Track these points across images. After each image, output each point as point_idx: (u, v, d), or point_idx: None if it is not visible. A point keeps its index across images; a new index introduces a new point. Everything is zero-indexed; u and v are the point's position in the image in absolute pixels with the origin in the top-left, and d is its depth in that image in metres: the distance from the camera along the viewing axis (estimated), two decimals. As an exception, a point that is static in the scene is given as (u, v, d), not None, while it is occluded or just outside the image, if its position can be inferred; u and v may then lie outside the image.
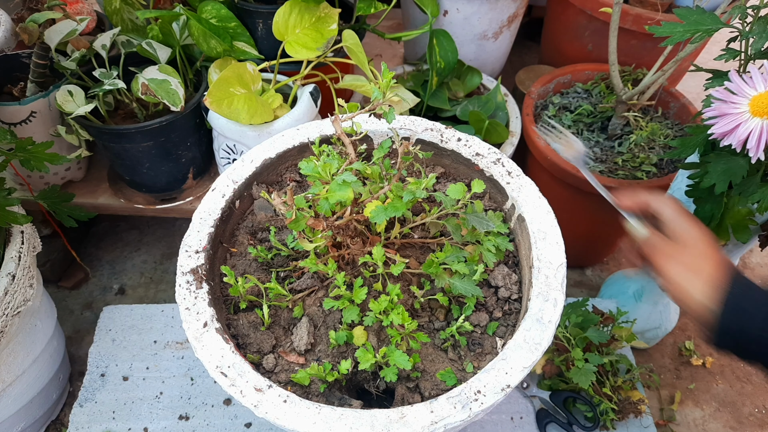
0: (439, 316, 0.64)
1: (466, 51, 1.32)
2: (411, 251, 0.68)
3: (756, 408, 1.11)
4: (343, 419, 0.50)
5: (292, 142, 0.75)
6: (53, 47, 0.97)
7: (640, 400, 0.93)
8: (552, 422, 0.92)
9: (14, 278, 0.79)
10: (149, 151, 1.03)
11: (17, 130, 1.00)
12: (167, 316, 1.05)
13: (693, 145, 0.75)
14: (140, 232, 1.37)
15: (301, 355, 0.60)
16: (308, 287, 0.64)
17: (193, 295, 0.59)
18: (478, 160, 0.72)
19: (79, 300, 1.23)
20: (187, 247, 0.63)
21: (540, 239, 0.63)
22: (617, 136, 1.14)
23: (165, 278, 1.28)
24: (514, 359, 0.53)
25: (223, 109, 0.89)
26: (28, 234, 0.85)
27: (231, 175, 0.71)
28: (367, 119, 0.76)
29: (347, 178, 0.52)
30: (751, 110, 0.57)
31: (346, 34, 0.94)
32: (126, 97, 1.04)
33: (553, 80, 1.24)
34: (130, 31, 1.09)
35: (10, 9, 1.14)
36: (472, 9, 1.23)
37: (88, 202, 1.15)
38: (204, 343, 0.55)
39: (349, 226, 0.61)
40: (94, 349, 1.01)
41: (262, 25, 1.09)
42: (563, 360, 0.94)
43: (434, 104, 1.22)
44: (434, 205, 0.69)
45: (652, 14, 1.15)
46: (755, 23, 0.66)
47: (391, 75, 0.55)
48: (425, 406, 0.50)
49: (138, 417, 0.92)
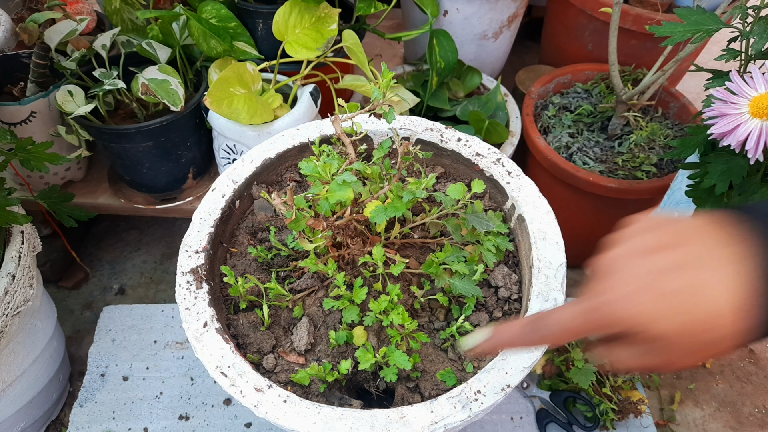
0: (439, 316, 0.64)
1: (466, 51, 1.32)
2: (411, 251, 0.68)
3: (756, 408, 1.11)
4: (343, 419, 0.50)
5: (292, 142, 0.75)
6: (53, 47, 0.97)
7: (640, 400, 0.93)
8: (552, 422, 0.92)
9: (14, 278, 0.79)
10: (149, 151, 1.03)
11: (17, 130, 1.00)
12: (167, 316, 1.05)
13: (693, 145, 0.75)
14: (140, 232, 1.37)
15: (301, 355, 0.60)
16: (308, 287, 0.64)
17: (193, 295, 0.59)
18: (478, 160, 0.72)
19: (79, 300, 1.23)
20: (187, 247, 0.63)
21: (540, 239, 0.63)
22: (617, 136, 1.14)
23: (165, 278, 1.28)
24: (514, 359, 0.53)
25: (223, 109, 0.89)
26: (28, 234, 0.85)
27: (231, 175, 0.71)
28: (367, 119, 0.76)
29: (347, 178, 0.52)
30: (750, 111, 0.57)
31: (346, 34, 0.94)
32: (126, 97, 1.04)
33: (553, 80, 1.24)
34: (130, 31, 1.09)
35: (10, 9, 1.14)
36: (472, 9, 1.23)
37: (88, 202, 1.15)
38: (204, 343, 0.55)
39: (349, 226, 0.61)
40: (94, 349, 1.01)
41: (262, 25, 1.09)
42: (563, 360, 0.94)
43: (434, 104, 1.22)
44: (434, 205, 0.69)
45: (652, 14, 1.15)
46: (756, 23, 0.66)
47: (391, 75, 0.55)
48: (425, 406, 0.50)
49: (138, 417, 0.92)
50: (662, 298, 0.36)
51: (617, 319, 0.37)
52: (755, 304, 0.33)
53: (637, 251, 0.38)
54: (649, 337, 0.36)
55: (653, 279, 0.36)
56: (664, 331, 0.35)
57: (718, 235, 0.36)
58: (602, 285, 0.39)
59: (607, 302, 0.38)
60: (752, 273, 0.34)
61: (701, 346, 0.36)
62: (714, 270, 0.35)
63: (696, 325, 0.35)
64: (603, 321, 0.38)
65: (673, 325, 0.35)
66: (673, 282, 0.36)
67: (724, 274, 0.34)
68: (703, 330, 0.35)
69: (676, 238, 0.38)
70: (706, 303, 0.34)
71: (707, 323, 0.34)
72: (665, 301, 0.35)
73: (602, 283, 0.39)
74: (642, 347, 0.38)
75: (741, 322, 0.34)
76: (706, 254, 0.36)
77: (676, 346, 0.36)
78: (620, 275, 0.38)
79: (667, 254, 0.37)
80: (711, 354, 0.36)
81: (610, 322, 0.37)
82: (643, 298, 0.36)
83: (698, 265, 0.35)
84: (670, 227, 0.39)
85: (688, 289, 0.35)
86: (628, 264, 0.38)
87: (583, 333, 0.40)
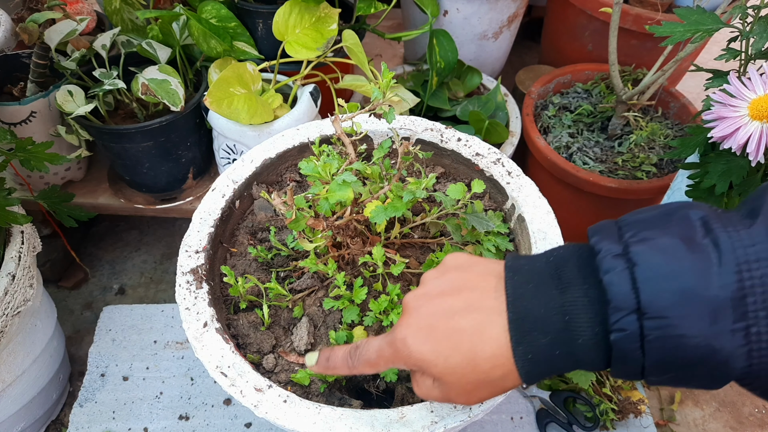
0: (439, 316, 0.64)
1: (466, 51, 1.32)
2: (411, 251, 0.68)
3: (756, 408, 1.11)
4: (343, 419, 0.50)
5: (292, 142, 0.75)
6: (53, 47, 0.97)
7: (640, 400, 0.93)
8: (552, 422, 0.92)
9: (14, 278, 0.79)
10: (149, 151, 1.03)
11: (17, 130, 1.00)
12: (167, 316, 1.05)
13: (693, 145, 0.75)
14: (140, 232, 1.37)
15: (302, 355, 0.60)
16: (308, 287, 0.64)
17: (193, 295, 0.59)
18: (478, 160, 0.72)
19: (79, 300, 1.23)
20: (187, 247, 0.63)
21: (540, 239, 0.63)
22: (617, 136, 1.14)
23: (165, 278, 1.28)
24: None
25: (223, 109, 0.89)
26: (28, 234, 0.85)
27: (231, 175, 0.71)
28: (367, 119, 0.76)
29: (347, 178, 0.52)
30: (750, 114, 0.57)
31: (346, 34, 0.94)
32: (126, 97, 1.04)
33: (553, 80, 1.24)
34: (130, 31, 1.09)
35: (10, 9, 1.14)
36: (472, 9, 1.23)
37: (88, 202, 1.15)
38: (204, 343, 0.55)
39: (349, 226, 0.61)
40: (94, 349, 1.01)
41: (262, 25, 1.09)
42: (563, 360, 0.94)
43: (434, 104, 1.22)
44: (434, 205, 0.69)
45: (652, 14, 1.15)
46: (756, 23, 0.66)
47: (391, 75, 0.55)
48: (425, 406, 0.50)
49: (138, 417, 0.92)
50: (443, 339, 0.39)
51: (404, 356, 0.40)
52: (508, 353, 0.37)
53: (431, 293, 0.42)
54: (430, 374, 0.40)
55: (437, 320, 0.40)
56: (441, 371, 0.39)
57: (491, 284, 0.40)
58: (403, 321, 0.42)
59: (400, 338, 0.41)
60: (505, 326, 0.37)
61: (477, 384, 0.39)
62: (486, 316, 0.38)
63: (468, 365, 0.38)
64: (395, 356, 0.41)
65: (448, 365, 0.39)
66: (451, 324, 0.39)
67: (493, 321, 0.38)
68: (474, 370, 0.38)
69: (463, 283, 0.41)
70: (479, 345, 0.38)
71: (478, 364, 0.38)
72: (444, 342, 0.39)
73: (403, 319, 0.42)
74: (430, 382, 0.41)
75: (504, 367, 0.38)
76: (482, 302, 0.39)
77: (453, 384, 0.39)
78: (416, 313, 0.41)
79: (453, 298, 0.40)
80: (489, 392, 0.40)
81: (400, 357, 0.41)
82: (426, 338, 0.39)
83: (474, 311, 0.39)
84: (462, 272, 0.42)
85: (464, 332, 0.38)
86: (423, 304, 0.41)
87: (383, 365, 0.43)
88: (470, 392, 0.40)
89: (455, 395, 0.40)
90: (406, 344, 0.40)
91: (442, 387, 0.40)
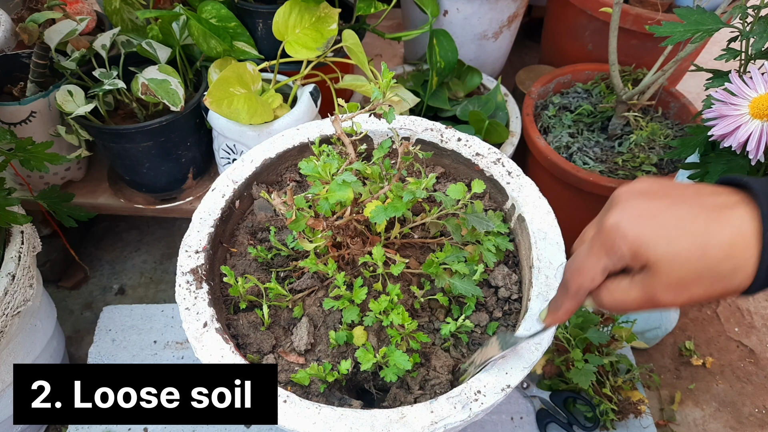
0: (439, 316, 0.64)
1: (466, 51, 1.32)
2: (411, 251, 0.68)
3: (756, 408, 1.11)
4: (343, 419, 0.50)
5: (292, 142, 0.75)
6: (53, 47, 0.97)
7: (640, 401, 0.93)
8: (552, 422, 0.92)
9: (14, 278, 0.79)
10: (149, 151, 1.03)
11: (17, 130, 1.00)
12: (167, 316, 1.05)
13: (693, 145, 0.75)
14: (140, 232, 1.37)
15: (301, 355, 0.60)
16: (308, 287, 0.64)
17: (193, 295, 0.59)
18: (478, 160, 0.72)
19: (79, 300, 1.23)
20: (187, 247, 0.63)
21: (540, 239, 0.63)
22: (617, 136, 1.14)
23: (165, 278, 1.28)
24: (514, 359, 0.53)
25: (223, 109, 0.89)
26: (28, 234, 0.85)
27: (231, 175, 0.71)
28: (367, 119, 0.76)
29: (347, 178, 0.52)
30: (751, 112, 0.57)
31: (346, 34, 0.94)
32: (126, 97, 1.04)
33: (553, 80, 1.24)
34: (130, 31, 1.09)
35: (10, 9, 1.14)
36: (472, 9, 1.23)
37: (88, 202, 1.15)
38: (204, 343, 0.55)
39: (349, 226, 0.61)
40: (94, 349, 1.01)
41: (262, 25, 1.09)
42: (563, 360, 0.94)
43: (434, 104, 1.22)
44: (434, 205, 0.69)
45: (652, 14, 1.15)
46: (756, 23, 0.66)
47: (391, 75, 0.55)
48: (425, 406, 0.50)
49: (138, 417, 0.92)
50: (667, 222, 0.37)
51: (618, 240, 0.38)
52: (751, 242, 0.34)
53: (642, 192, 0.40)
54: (643, 259, 0.37)
55: (660, 210, 0.38)
56: (659, 255, 0.36)
57: (713, 189, 0.38)
58: (612, 211, 0.40)
59: (611, 224, 0.39)
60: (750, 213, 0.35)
61: (698, 276, 0.36)
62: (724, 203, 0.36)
63: (697, 250, 0.35)
64: (604, 245, 0.39)
65: (670, 248, 0.36)
66: (678, 212, 0.37)
67: (734, 210, 0.35)
68: (702, 257, 0.35)
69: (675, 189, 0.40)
70: (715, 229, 0.35)
71: (709, 250, 0.35)
72: (670, 224, 0.36)
73: (613, 211, 0.40)
74: (627, 282, 0.39)
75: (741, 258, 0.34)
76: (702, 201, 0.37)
77: (667, 274, 0.36)
78: (629, 204, 0.39)
79: (668, 198, 0.39)
80: (705, 290, 0.36)
81: (610, 243, 0.39)
82: (647, 222, 0.37)
83: (704, 205, 0.36)
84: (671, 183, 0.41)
85: (696, 217, 0.36)
86: (633, 199, 0.40)
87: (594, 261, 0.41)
88: (684, 286, 0.36)
89: (663, 289, 0.37)
90: (619, 228, 0.38)
91: (650, 279, 0.37)
